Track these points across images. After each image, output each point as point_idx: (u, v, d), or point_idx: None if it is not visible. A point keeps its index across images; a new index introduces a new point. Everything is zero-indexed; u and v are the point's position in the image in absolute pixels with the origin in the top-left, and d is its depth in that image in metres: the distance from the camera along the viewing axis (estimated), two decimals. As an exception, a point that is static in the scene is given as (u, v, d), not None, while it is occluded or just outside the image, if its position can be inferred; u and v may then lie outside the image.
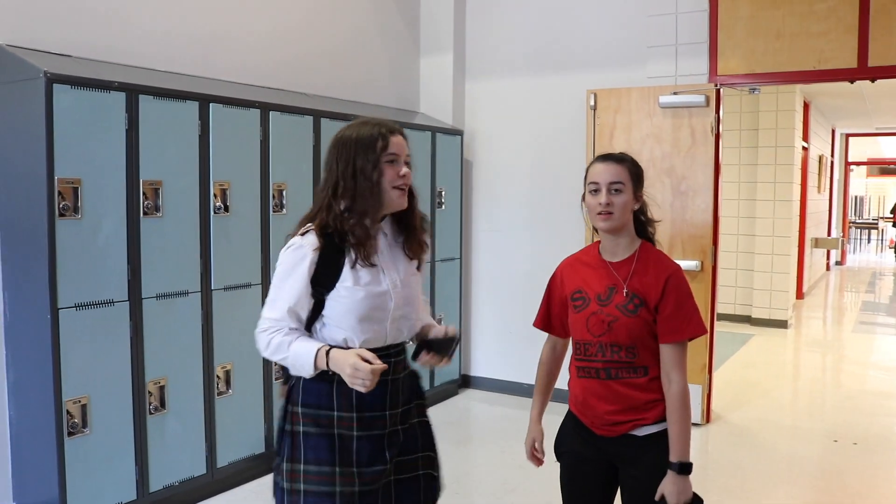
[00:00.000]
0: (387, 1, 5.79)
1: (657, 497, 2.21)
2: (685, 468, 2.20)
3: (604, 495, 2.40)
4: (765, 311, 9.21)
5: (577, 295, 2.34)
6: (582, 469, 2.41)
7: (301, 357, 2.01)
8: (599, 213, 2.24)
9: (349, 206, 2.05)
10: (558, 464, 2.52)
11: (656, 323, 2.23)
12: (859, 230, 23.20)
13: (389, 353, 2.12)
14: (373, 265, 2.07)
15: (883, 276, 15.48)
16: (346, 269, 2.04)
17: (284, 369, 2.15)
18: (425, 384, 2.41)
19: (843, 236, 17.17)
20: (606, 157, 2.31)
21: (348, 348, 2.03)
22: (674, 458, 2.20)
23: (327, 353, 1.99)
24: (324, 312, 2.06)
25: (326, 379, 2.04)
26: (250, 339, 4.12)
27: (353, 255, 2.04)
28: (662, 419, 2.26)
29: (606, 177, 2.25)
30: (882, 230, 23.74)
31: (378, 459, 2.08)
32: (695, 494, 2.24)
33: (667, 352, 2.23)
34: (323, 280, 2.04)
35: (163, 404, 3.67)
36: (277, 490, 2.10)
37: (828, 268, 15.22)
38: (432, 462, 2.24)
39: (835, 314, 10.76)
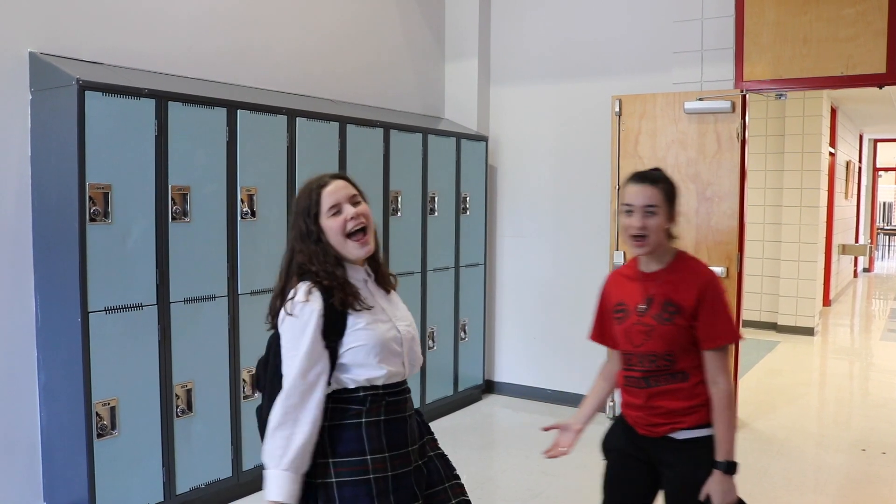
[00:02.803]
0: (412, 7, 5.82)
1: (702, 496, 2.25)
2: (731, 468, 2.25)
3: (644, 494, 2.46)
4: (791, 318, 9.13)
5: (618, 307, 2.41)
6: (625, 466, 2.48)
7: (270, 488, 1.93)
8: (633, 237, 2.27)
9: (315, 266, 2.03)
10: (580, 471, 2.54)
11: (695, 329, 2.28)
12: (887, 237, 22.92)
13: (404, 388, 2.13)
14: (368, 307, 2.05)
15: (912, 284, 15.29)
16: (351, 316, 2.02)
17: None
18: (450, 389, 2.45)
19: (871, 243, 16.97)
20: (641, 179, 2.32)
21: (372, 387, 2.03)
22: (720, 457, 2.26)
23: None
24: (341, 362, 2.01)
25: (353, 427, 2.02)
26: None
27: (347, 305, 2.01)
28: (701, 425, 2.30)
29: (641, 199, 2.28)
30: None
31: (411, 497, 2.05)
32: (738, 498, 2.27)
33: (709, 357, 2.29)
34: (331, 332, 1.99)
35: (190, 407, 3.71)
36: None
37: (855, 275, 15.05)
38: (462, 489, 2.23)
39: (862, 321, 10.64)
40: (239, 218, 3.92)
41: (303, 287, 2.00)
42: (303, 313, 1.97)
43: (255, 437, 4.02)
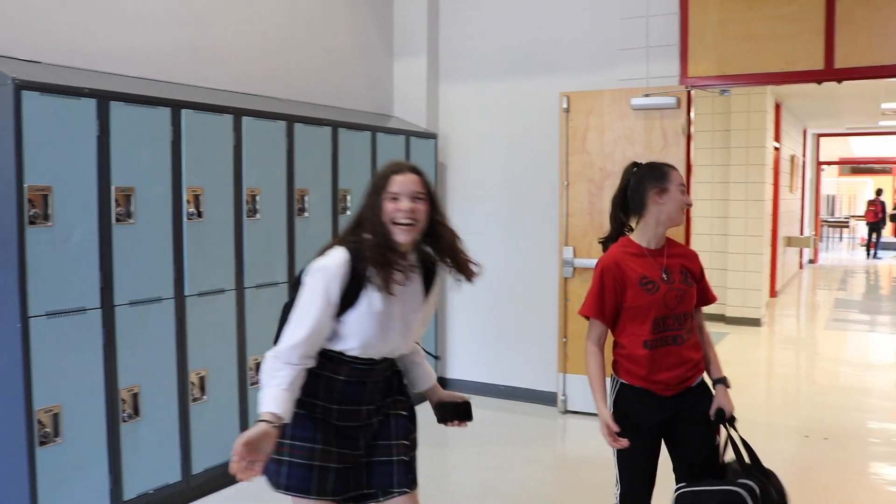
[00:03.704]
0: (360, 4, 5.80)
1: (712, 412, 2.73)
2: (726, 381, 2.81)
3: (656, 455, 2.78)
4: (738, 310, 9.30)
5: (644, 280, 2.70)
6: (654, 433, 2.74)
7: (264, 401, 2.13)
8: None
9: (368, 235, 2.25)
10: (531, 465, 2.60)
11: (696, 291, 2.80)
12: (831, 229, 23.48)
13: (376, 363, 2.33)
14: (390, 293, 2.22)
15: (855, 274, 15.69)
16: (366, 291, 2.23)
17: None
18: (401, 388, 2.49)
19: (816, 235, 17.37)
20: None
21: (342, 353, 2.27)
22: (719, 375, 2.81)
23: (264, 420, 2.10)
24: (335, 329, 2.24)
25: (314, 374, 2.25)
26: (225, 344, 4.14)
27: (373, 280, 2.21)
28: (701, 368, 2.81)
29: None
30: (854, 228, 24.06)
31: (352, 446, 2.32)
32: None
33: (698, 313, 2.87)
34: (345, 298, 2.21)
35: (137, 412, 3.64)
36: (271, 459, 2.25)
37: (801, 266, 15.40)
38: (407, 449, 2.40)
39: (808, 312, 10.90)
40: (185, 219, 3.86)
41: (338, 251, 2.24)
42: (330, 276, 2.19)
43: (205, 440, 3.99)
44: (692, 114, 5.20)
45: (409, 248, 2.32)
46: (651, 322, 2.69)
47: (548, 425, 5.43)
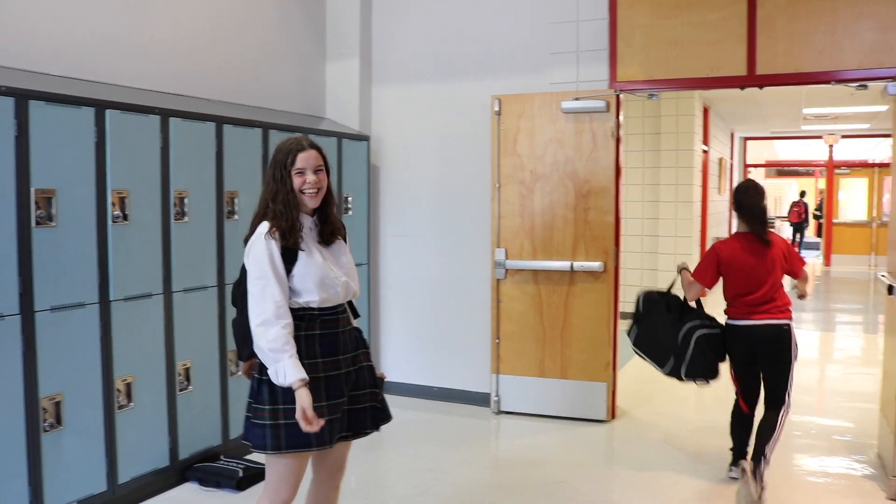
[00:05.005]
0: (292, 5, 5.75)
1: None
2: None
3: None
4: (669, 309, 9.47)
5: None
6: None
7: (285, 371, 2.54)
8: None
9: (279, 205, 2.67)
10: (466, 466, 2.68)
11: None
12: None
13: (338, 311, 2.77)
14: (302, 249, 2.67)
15: (780, 273, 16.12)
16: (300, 253, 2.67)
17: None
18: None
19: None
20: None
21: (309, 309, 2.68)
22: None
23: (301, 386, 2.54)
24: (290, 286, 2.66)
25: (296, 338, 2.62)
26: (153, 349, 4.06)
27: (287, 238, 2.64)
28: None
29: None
30: (779, 229, 24.80)
31: (339, 394, 2.70)
32: None
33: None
34: (285, 259, 2.64)
35: (59, 421, 3.54)
36: (256, 428, 2.64)
37: (729, 266, 15.74)
38: (376, 396, 2.87)
39: (735, 310, 11.15)
40: (110, 222, 3.77)
41: (263, 226, 2.66)
42: (267, 245, 2.62)
43: (132, 449, 3.90)
44: (621, 117, 5.30)
45: (311, 211, 2.77)
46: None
47: (482, 426, 5.46)
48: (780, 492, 4.21)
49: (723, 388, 5.38)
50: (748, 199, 4.17)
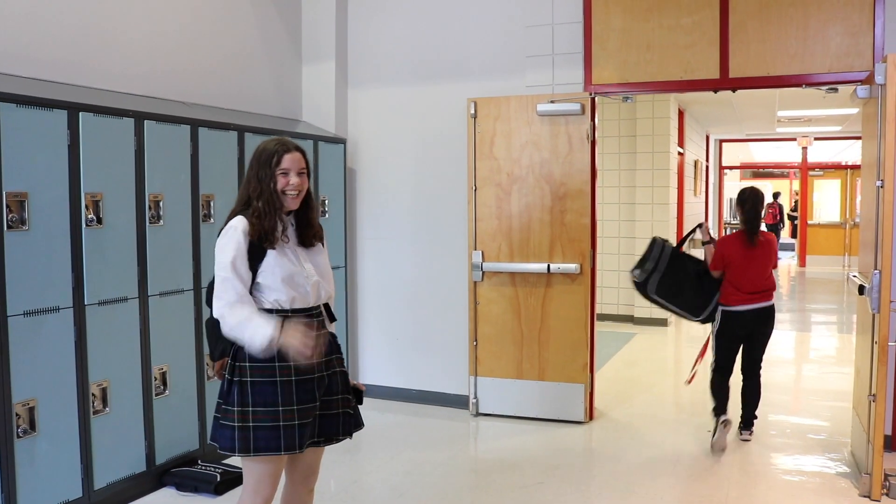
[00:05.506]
0: (268, 8, 5.73)
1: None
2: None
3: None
4: (646, 311, 9.53)
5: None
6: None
7: (261, 327, 2.56)
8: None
9: (262, 204, 2.68)
10: (443, 469, 2.72)
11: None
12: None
13: (312, 313, 2.76)
14: (274, 248, 2.68)
15: (756, 274, 16.27)
16: (269, 251, 2.68)
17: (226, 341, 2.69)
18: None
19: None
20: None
21: (282, 310, 2.68)
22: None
23: (278, 335, 2.56)
24: (258, 281, 2.68)
25: None
26: (128, 354, 4.03)
27: (265, 239, 2.66)
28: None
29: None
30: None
31: (311, 399, 2.70)
32: None
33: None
34: (253, 256, 2.66)
35: (33, 426, 3.50)
36: (224, 429, 2.65)
37: (705, 267, 15.86)
38: (349, 403, 2.87)
39: (711, 311, 11.24)
40: (84, 225, 3.74)
41: (236, 220, 2.69)
42: (235, 238, 2.66)
43: (108, 454, 3.87)
44: (596, 119, 5.34)
45: (287, 211, 2.78)
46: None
47: (460, 428, 5.47)
48: (756, 490, 4.26)
49: (698, 390, 5.44)
50: (744, 206, 4.94)
